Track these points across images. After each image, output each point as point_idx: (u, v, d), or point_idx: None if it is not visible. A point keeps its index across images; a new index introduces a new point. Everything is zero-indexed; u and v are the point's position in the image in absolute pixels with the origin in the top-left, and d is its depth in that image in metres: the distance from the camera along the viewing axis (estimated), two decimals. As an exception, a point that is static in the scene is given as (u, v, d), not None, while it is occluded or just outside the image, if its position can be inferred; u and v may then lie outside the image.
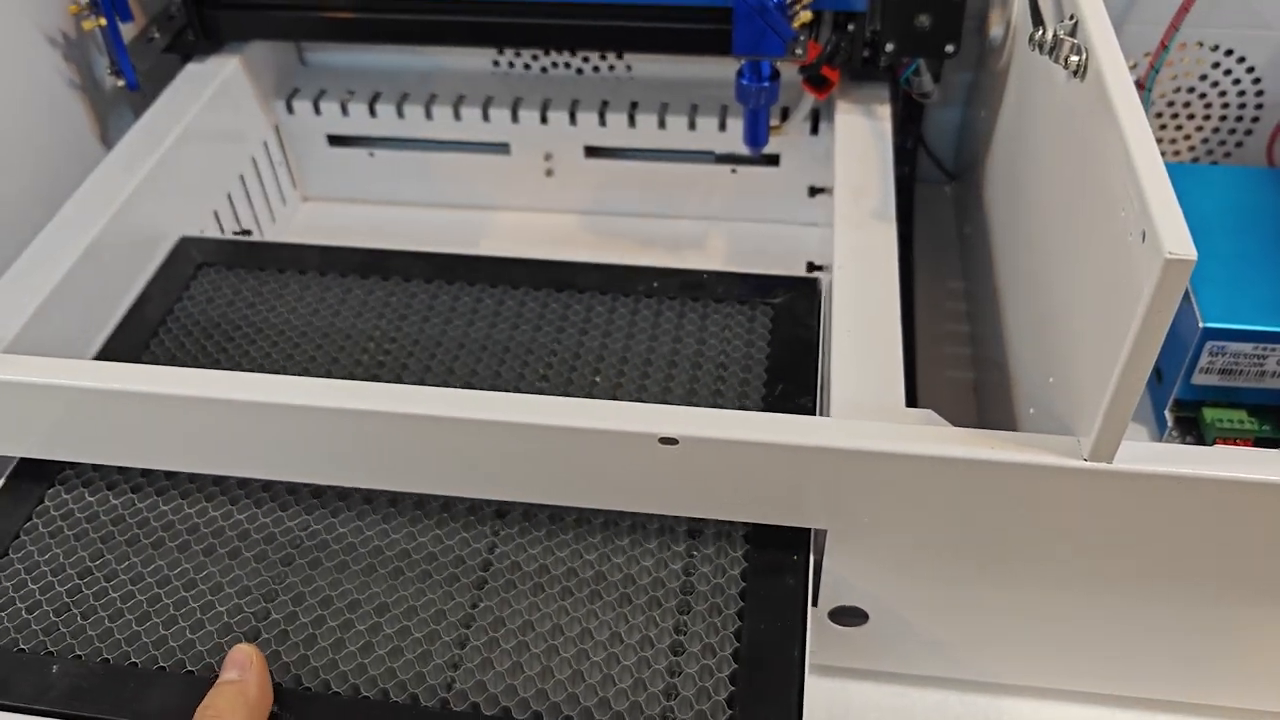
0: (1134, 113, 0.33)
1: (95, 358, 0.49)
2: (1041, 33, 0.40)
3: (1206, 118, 0.63)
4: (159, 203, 0.55)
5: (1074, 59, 0.38)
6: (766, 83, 0.53)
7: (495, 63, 0.68)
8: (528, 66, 0.68)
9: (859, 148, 0.55)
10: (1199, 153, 0.64)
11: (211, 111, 0.60)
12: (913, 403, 0.41)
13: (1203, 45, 0.60)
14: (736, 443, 0.37)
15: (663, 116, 0.63)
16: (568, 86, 0.66)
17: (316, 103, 0.66)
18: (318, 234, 0.69)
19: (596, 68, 0.67)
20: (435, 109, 0.65)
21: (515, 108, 0.64)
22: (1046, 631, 0.42)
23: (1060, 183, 0.41)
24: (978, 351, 0.58)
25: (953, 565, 0.40)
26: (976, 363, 0.58)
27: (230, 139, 0.63)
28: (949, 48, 0.54)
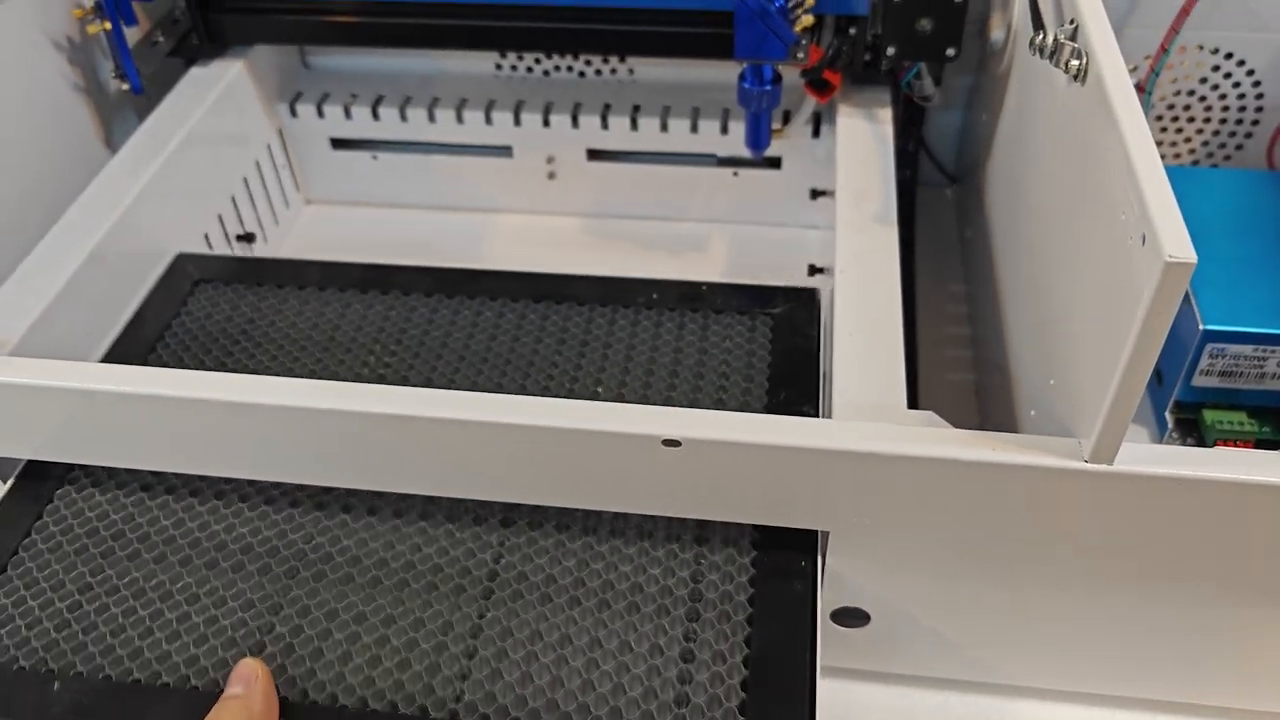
0: (1134, 117, 0.33)
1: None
2: (1042, 37, 0.40)
3: (1207, 120, 0.63)
4: (163, 206, 0.55)
5: (1074, 63, 0.38)
6: (768, 86, 0.54)
7: (498, 66, 0.68)
8: (530, 70, 0.68)
9: (860, 151, 0.55)
10: (1199, 156, 0.64)
11: (215, 115, 0.60)
12: (914, 405, 0.41)
13: (1203, 48, 0.60)
14: (738, 444, 0.37)
15: (665, 119, 0.63)
16: (570, 90, 0.66)
17: (320, 106, 0.66)
18: (321, 237, 0.69)
19: (599, 71, 0.67)
20: (438, 112, 0.65)
21: (518, 111, 0.65)
22: (1048, 632, 0.42)
23: (1061, 186, 0.41)
24: (979, 354, 0.59)
25: (954, 566, 0.40)
26: (978, 365, 0.59)
27: (234, 142, 0.63)
28: (950, 52, 0.54)
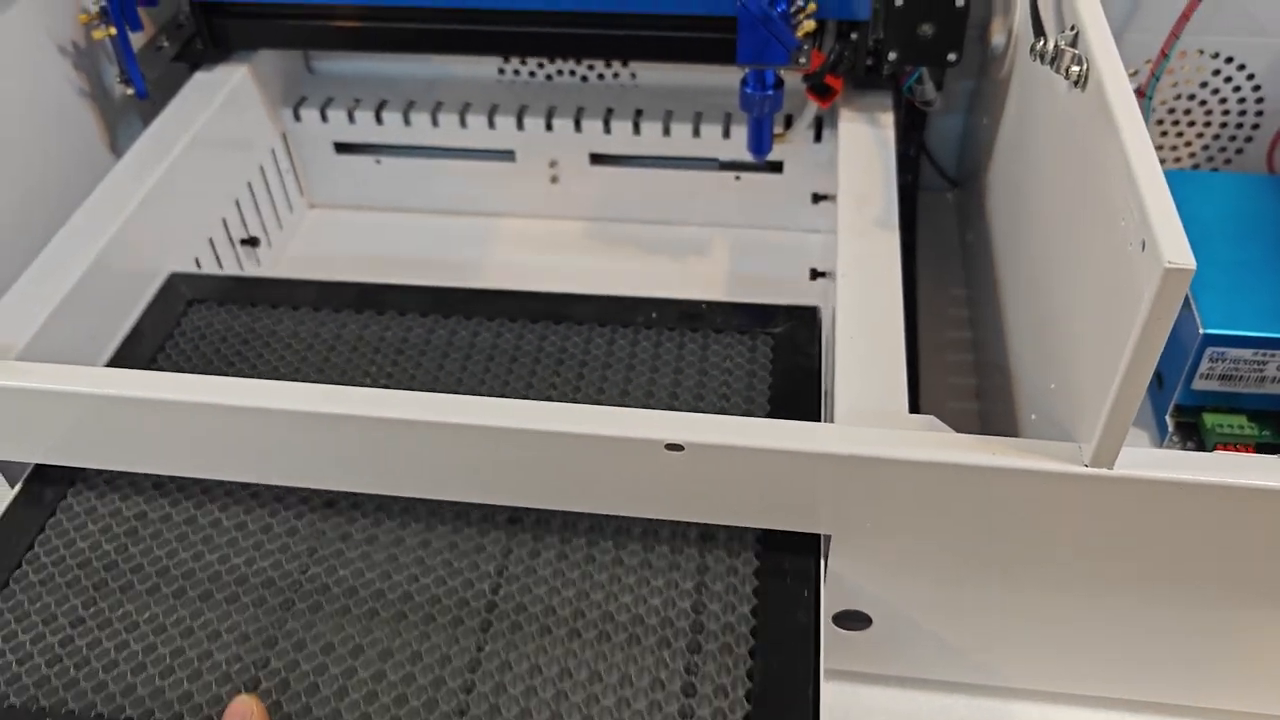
0: (1134, 123, 0.33)
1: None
2: (1043, 43, 0.41)
3: (1207, 125, 0.63)
4: (168, 211, 0.56)
5: (1075, 69, 0.38)
6: (770, 91, 0.54)
7: (501, 70, 0.68)
8: (533, 74, 0.68)
9: (862, 155, 0.55)
10: (1200, 159, 0.65)
11: (220, 120, 0.60)
12: (916, 408, 0.41)
13: (1203, 53, 0.60)
14: (740, 449, 0.37)
15: (667, 124, 0.64)
16: (573, 94, 0.66)
17: (323, 110, 0.67)
18: (324, 241, 0.69)
19: (601, 75, 0.67)
20: (441, 116, 0.65)
21: (520, 115, 0.65)
22: (1050, 635, 0.42)
23: (1061, 191, 0.41)
24: (980, 357, 0.59)
25: (955, 570, 0.40)
26: (979, 368, 0.59)
27: (238, 147, 0.63)
28: (951, 56, 0.54)
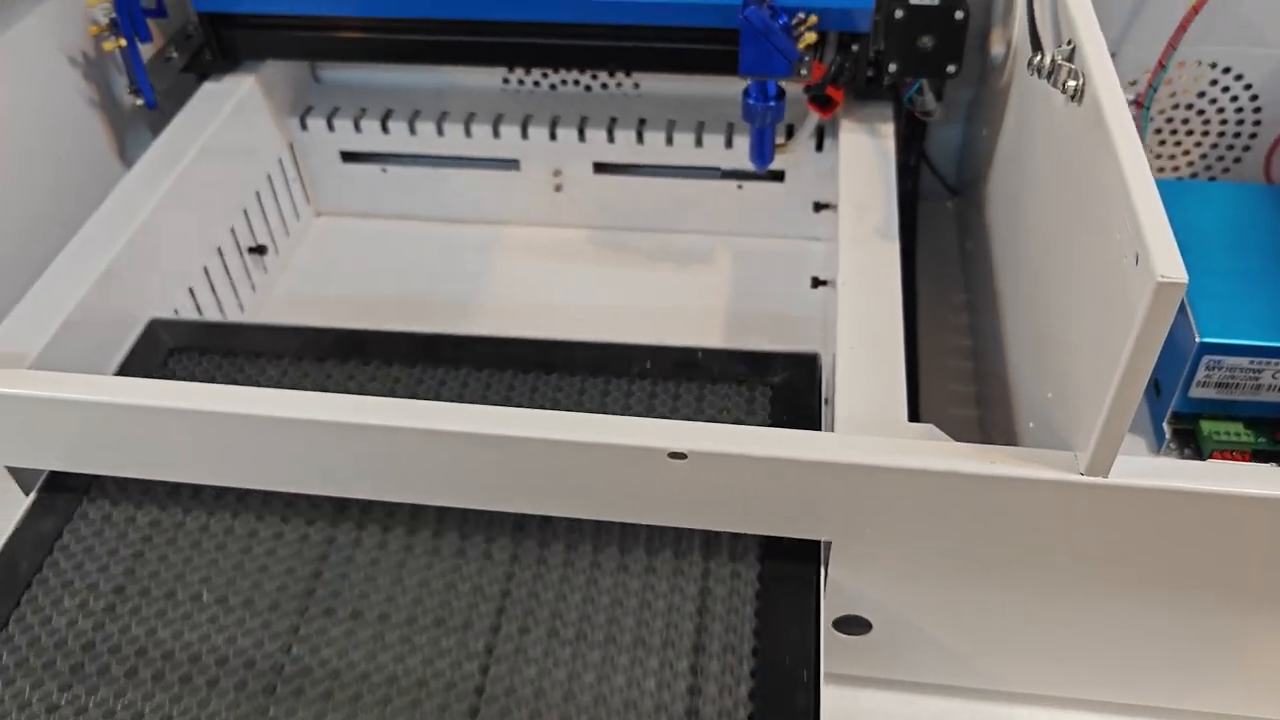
0: (1129, 138, 0.34)
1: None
2: (1040, 57, 0.41)
3: (1205, 134, 0.64)
4: (178, 219, 0.56)
5: (1071, 84, 0.38)
6: (772, 102, 0.55)
7: (505, 80, 0.69)
8: (537, 84, 0.69)
9: (863, 165, 0.56)
10: (1197, 168, 0.65)
11: (228, 129, 0.61)
12: (916, 414, 0.42)
13: (1201, 63, 0.60)
14: (742, 457, 0.38)
15: (670, 133, 0.64)
16: (576, 104, 0.67)
17: (330, 120, 0.67)
18: (331, 248, 0.70)
19: (605, 85, 0.68)
20: (446, 126, 0.66)
21: (525, 125, 0.66)
22: (1048, 639, 0.43)
23: (1058, 203, 0.42)
24: (979, 364, 0.59)
25: (954, 576, 0.40)
26: (978, 375, 0.59)
27: (246, 156, 0.64)
28: (951, 68, 0.55)
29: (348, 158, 0.69)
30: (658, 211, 0.68)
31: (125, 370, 0.51)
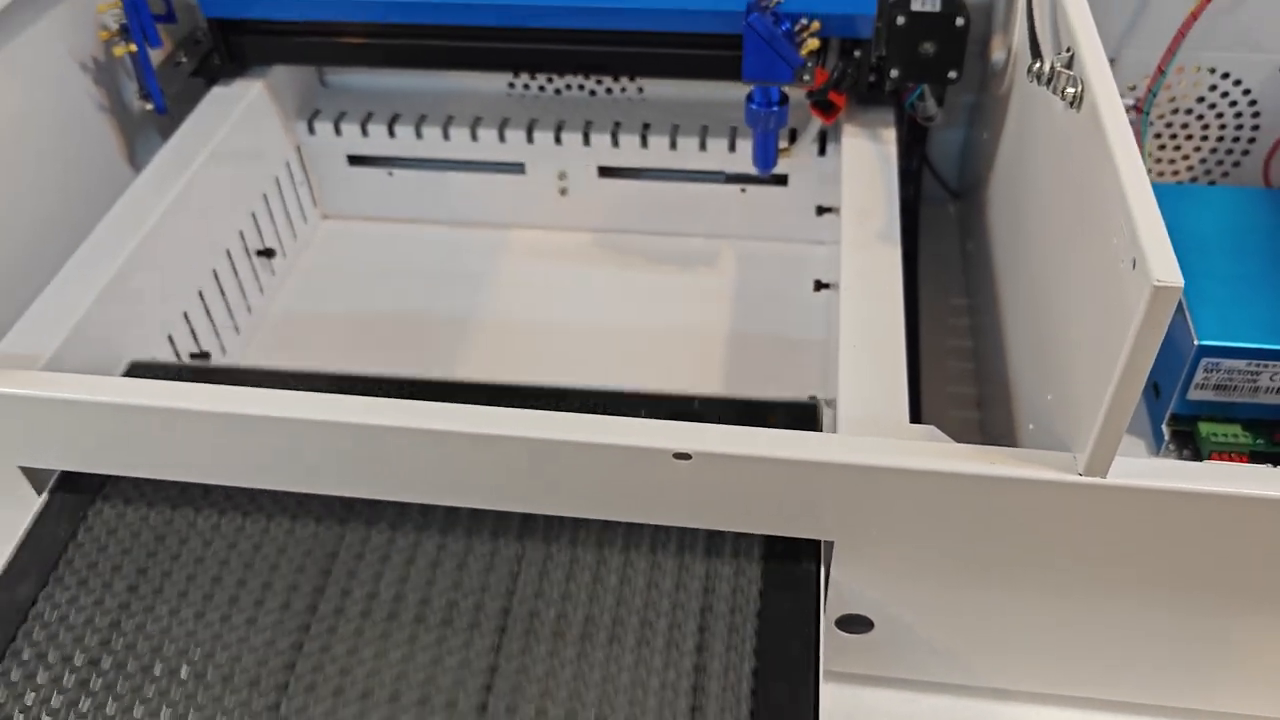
0: (1127, 145, 0.34)
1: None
2: (1039, 64, 0.42)
3: (1204, 139, 0.64)
4: (187, 223, 0.57)
5: (1070, 90, 0.39)
6: (775, 107, 0.55)
7: (511, 85, 0.69)
8: (542, 89, 0.69)
9: (865, 169, 0.56)
10: (1196, 173, 0.66)
11: (236, 133, 0.62)
12: (917, 415, 0.42)
13: (1200, 69, 0.61)
14: (746, 458, 0.38)
15: (674, 138, 0.65)
16: (581, 108, 0.68)
17: (337, 124, 0.68)
18: (338, 252, 0.70)
19: (610, 89, 0.69)
20: (452, 130, 0.67)
21: (530, 129, 0.66)
22: (1048, 638, 0.43)
23: (1058, 207, 0.42)
24: (980, 366, 0.60)
25: (955, 575, 0.41)
26: (979, 378, 0.60)
27: (254, 160, 0.65)
28: (952, 74, 0.56)
29: (354, 161, 0.70)
30: (662, 215, 0.68)
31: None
